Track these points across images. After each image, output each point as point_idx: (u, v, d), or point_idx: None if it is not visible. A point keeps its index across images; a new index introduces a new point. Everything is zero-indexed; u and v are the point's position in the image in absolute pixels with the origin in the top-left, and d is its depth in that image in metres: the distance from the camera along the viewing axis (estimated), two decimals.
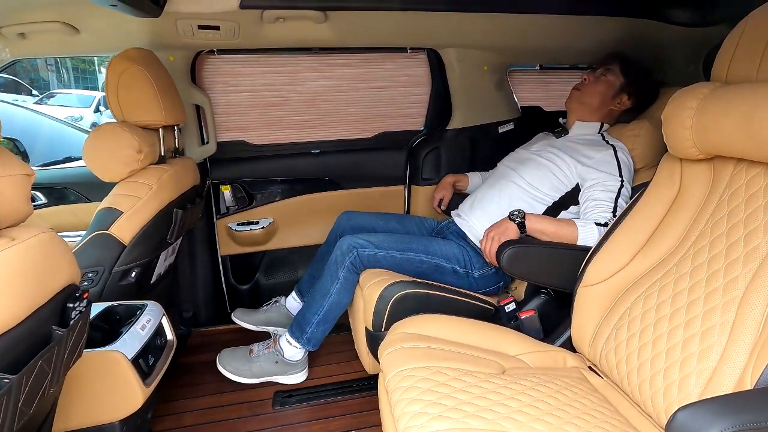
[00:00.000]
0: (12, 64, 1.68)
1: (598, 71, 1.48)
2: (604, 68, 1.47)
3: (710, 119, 0.87)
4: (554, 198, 1.39)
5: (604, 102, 1.47)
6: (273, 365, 1.49)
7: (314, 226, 1.96)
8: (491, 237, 1.27)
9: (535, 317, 1.21)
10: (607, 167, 1.32)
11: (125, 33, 1.45)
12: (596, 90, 1.46)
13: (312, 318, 1.41)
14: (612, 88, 1.46)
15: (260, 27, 1.48)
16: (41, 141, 3.00)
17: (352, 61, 1.90)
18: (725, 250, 0.85)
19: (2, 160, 0.62)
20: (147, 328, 1.07)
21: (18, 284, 0.57)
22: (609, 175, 1.30)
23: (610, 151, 1.35)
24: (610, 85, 1.46)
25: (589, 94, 1.47)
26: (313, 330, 1.42)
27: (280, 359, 1.49)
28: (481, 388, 0.85)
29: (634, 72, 1.45)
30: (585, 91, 1.48)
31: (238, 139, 1.92)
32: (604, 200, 1.27)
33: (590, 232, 1.23)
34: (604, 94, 1.46)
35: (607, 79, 1.46)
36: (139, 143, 1.25)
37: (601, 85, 1.46)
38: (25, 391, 0.55)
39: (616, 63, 1.47)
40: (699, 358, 0.80)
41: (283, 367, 1.49)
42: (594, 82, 1.47)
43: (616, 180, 1.29)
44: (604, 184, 1.30)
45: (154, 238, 1.30)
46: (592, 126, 1.48)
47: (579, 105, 1.49)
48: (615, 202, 1.27)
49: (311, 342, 1.45)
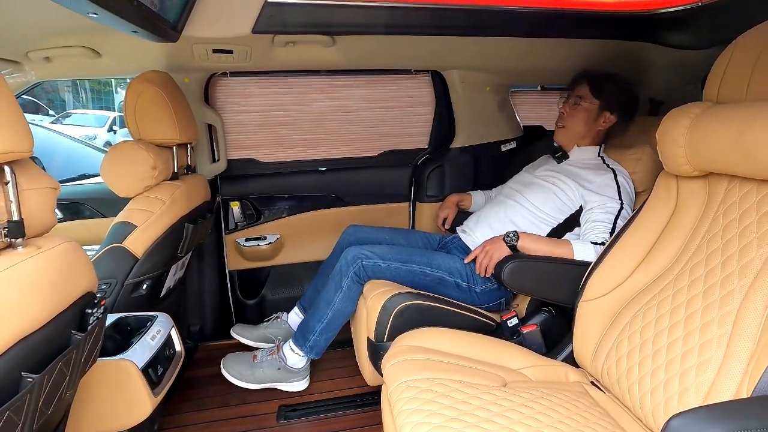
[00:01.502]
0: (36, 86, 1.77)
1: (571, 101, 1.51)
2: (575, 97, 1.50)
3: (702, 137, 0.91)
4: (559, 220, 1.43)
5: (590, 126, 1.49)
6: (275, 372, 1.50)
7: (320, 242, 2.00)
8: (486, 251, 1.31)
9: (537, 332, 1.22)
10: (607, 191, 1.36)
11: (144, 56, 1.53)
12: (577, 119, 1.49)
13: (315, 326, 1.43)
14: (591, 112, 1.48)
15: (271, 50, 1.55)
16: (58, 159, 3.11)
17: (359, 82, 1.97)
18: (721, 264, 0.87)
19: (31, 174, 0.67)
20: (157, 338, 1.10)
21: (43, 290, 0.61)
22: (609, 198, 1.34)
23: (610, 174, 1.39)
24: (587, 111, 1.48)
25: (572, 125, 1.50)
26: (316, 338, 1.44)
27: (282, 366, 1.50)
28: (482, 400, 0.87)
29: (605, 90, 1.47)
30: (568, 125, 1.51)
31: (247, 157, 1.98)
32: (602, 221, 1.31)
33: (586, 251, 1.26)
34: (587, 120, 1.48)
35: (582, 106, 1.48)
36: (154, 160, 1.30)
37: (580, 113, 1.49)
38: (45, 392, 0.58)
39: (584, 85, 1.49)
40: (698, 371, 0.81)
41: (285, 374, 1.51)
42: (572, 114, 1.50)
43: (616, 203, 1.33)
44: (604, 207, 1.33)
45: (165, 251, 1.34)
46: (590, 150, 1.51)
47: (568, 137, 1.52)
48: (613, 223, 1.30)
49: (314, 350, 1.47)
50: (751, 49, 0.89)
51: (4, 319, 0.55)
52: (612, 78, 1.49)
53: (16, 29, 1.27)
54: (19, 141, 0.59)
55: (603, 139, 1.54)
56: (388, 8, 1.38)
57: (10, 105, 0.59)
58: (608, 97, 1.46)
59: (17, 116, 0.60)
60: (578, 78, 1.53)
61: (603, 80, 1.48)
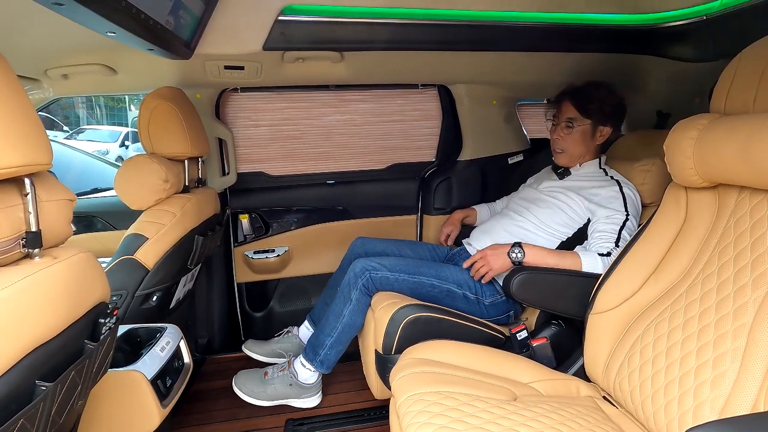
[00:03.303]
0: (53, 102, 1.82)
1: (563, 125, 1.48)
2: (565, 120, 1.47)
3: (710, 148, 0.91)
4: (567, 234, 1.42)
5: (588, 145, 1.48)
6: (287, 388, 1.49)
7: (328, 255, 2.01)
8: (486, 258, 1.32)
9: (547, 345, 1.21)
10: (614, 203, 1.36)
11: (158, 73, 1.57)
12: (575, 141, 1.47)
13: (326, 340, 1.43)
14: (586, 132, 1.46)
15: (281, 67, 1.58)
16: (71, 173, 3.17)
17: (366, 96, 2.00)
18: (733, 276, 0.85)
19: (49, 186, 0.69)
20: (166, 350, 1.10)
21: (58, 299, 0.62)
22: (614, 211, 1.34)
23: (615, 186, 1.39)
24: (582, 131, 1.46)
25: (571, 148, 1.48)
26: (326, 352, 1.43)
27: (294, 382, 1.49)
28: (492, 414, 0.86)
29: (593, 107, 1.44)
30: (567, 149, 1.49)
31: (257, 171, 2.01)
32: (607, 231, 1.30)
33: (593, 262, 1.25)
34: (584, 140, 1.47)
35: (577, 129, 1.46)
36: (166, 173, 1.33)
37: (575, 135, 1.47)
38: (58, 400, 0.59)
39: (568, 104, 1.47)
40: (712, 386, 0.79)
41: (297, 390, 1.50)
42: (568, 138, 1.48)
43: (622, 214, 1.33)
44: (610, 218, 1.33)
45: (175, 263, 1.36)
46: (592, 164, 1.51)
47: (570, 159, 1.51)
48: (618, 233, 1.30)
49: (324, 364, 1.46)
50: (757, 61, 0.89)
51: (20, 328, 0.56)
52: (594, 90, 1.46)
53: (37, 48, 1.32)
54: (39, 154, 0.61)
55: (603, 150, 1.54)
56: (395, 25, 1.41)
57: (30, 119, 0.61)
58: (597, 112, 1.44)
59: (38, 130, 0.62)
60: (560, 97, 1.51)
61: (586, 97, 1.45)
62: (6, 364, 0.53)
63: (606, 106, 1.45)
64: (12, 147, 0.56)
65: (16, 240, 0.60)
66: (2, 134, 0.55)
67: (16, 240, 0.60)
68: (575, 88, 1.49)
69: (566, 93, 1.50)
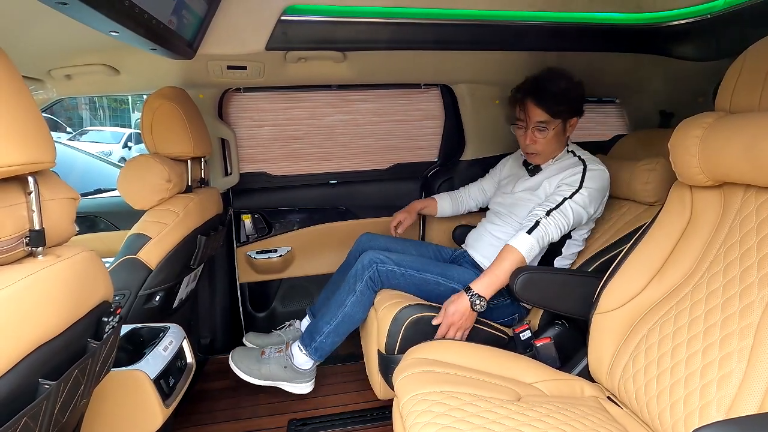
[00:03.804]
0: (56, 102, 1.83)
1: (532, 128, 1.41)
2: (535, 124, 1.40)
3: (715, 147, 0.90)
4: None
5: (562, 139, 1.45)
6: (282, 370, 1.48)
7: (330, 255, 2.00)
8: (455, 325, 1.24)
9: (551, 345, 1.20)
10: (570, 179, 1.35)
11: (161, 73, 1.58)
12: (547, 143, 1.42)
13: (324, 327, 1.41)
14: (558, 130, 1.41)
15: (284, 66, 1.59)
16: (74, 174, 3.18)
17: (369, 96, 2.00)
18: (739, 275, 0.85)
19: (52, 185, 0.69)
20: (169, 349, 1.10)
21: (61, 298, 0.62)
22: (568, 186, 1.34)
23: (580, 166, 1.38)
24: (555, 132, 1.41)
25: (546, 149, 1.44)
26: (322, 340, 1.42)
27: (289, 365, 1.48)
28: (496, 414, 0.85)
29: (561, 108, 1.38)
30: (540, 151, 1.44)
31: (259, 171, 2.01)
32: (547, 202, 1.32)
33: (529, 246, 1.25)
34: (558, 138, 1.43)
35: (549, 131, 1.40)
36: (169, 173, 1.33)
37: (549, 136, 1.41)
38: (61, 399, 0.59)
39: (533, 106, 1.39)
40: (719, 386, 0.78)
41: (291, 374, 1.48)
42: (540, 140, 1.42)
43: (573, 188, 1.32)
44: (559, 190, 1.33)
45: (178, 263, 1.36)
46: (562, 153, 1.48)
47: (544, 158, 1.47)
48: (559, 204, 1.30)
49: (318, 352, 1.44)
50: (763, 59, 0.88)
51: (24, 326, 0.56)
52: (554, 86, 1.37)
53: (40, 48, 1.32)
54: (43, 152, 0.61)
55: (570, 138, 1.50)
56: (398, 24, 1.41)
57: (34, 118, 0.61)
58: (565, 111, 1.39)
59: (41, 128, 0.62)
60: (521, 97, 1.43)
61: (552, 97, 1.37)
62: (9, 363, 0.53)
63: (573, 100, 1.39)
64: (15, 145, 0.56)
65: (19, 238, 0.60)
66: (6, 132, 0.55)
67: (19, 238, 0.60)
68: (535, 87, 1.39)
69: (528, 93, 1.41)
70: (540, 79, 1.40)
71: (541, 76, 1.41)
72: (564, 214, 1.29)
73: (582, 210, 1.30)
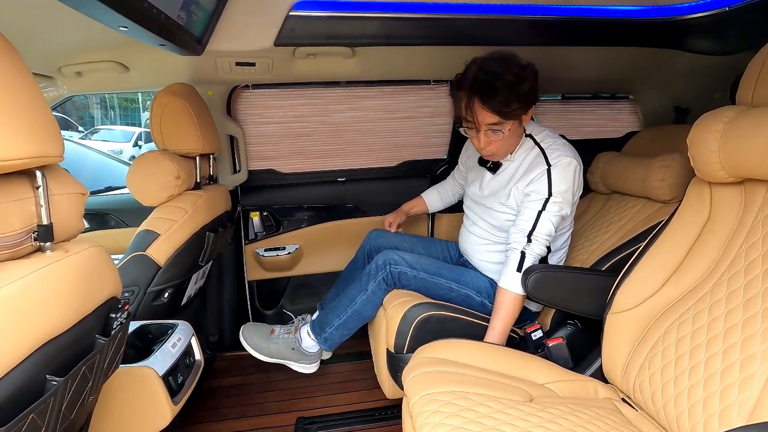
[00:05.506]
0: (67, 100, 1.84)
1: (485, 131, 1.25)
2: (487, 126, 1.24)
3: (737, 142, 0.87)
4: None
5: (519, 133, 1.32)
6: (289, 351, 1.50)
7: (339, 253, 1.99)
8: None
9: (564, 345, 1.18)
10: (536, 184, 1.24)
11: (170, 70, 1.58)
12: (503, 142, 1.28)
13: (333, 320, 1.43)
14: (513, 128, 1.26)
15: (292, 63, 1.58)
16: (86, 172, 3.21)
17: (378, 93, 1.99)
18: (762, 274, 0.82)
19: (61, 180, 0.69)
20: (177, 346, 1.10)
21: (69, 293, 0.62)
22: (536, 193, 1.24)
23: (544, 166, 1.25)
24: (510, 130, 1.25)
25: (503, 148, 1.30)
26: (332, 332, 1.44)
27: (296, 347, 1.49)
28: (508, 415, 0.83)
29: (503, 107, 1.20)
30: (496, 152, 1.31)
31: (268, 168, 2.01)
32: (524, 220, 1.24)
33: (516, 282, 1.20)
34: (514, 135, 1.29)
35: (503, 130, 1.25)
36: (178, 170, 1.33)
37: (504, 134, 1.26)
38: (68, 395, 0.58)
39: (482, 109, 1.22)
40: (740, 388, 0.76)
41: (297, 354, 1.50)
42: (495, 141, 1.27)
43: (542, 195, 1.23)
44: (530, 202, 1.24)
45: (187, 260, 1.36)
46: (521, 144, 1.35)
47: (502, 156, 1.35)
48: (535, 221, 1.22)
49: (328, 342, 1.46)
50: None
51: (31, 322, 0.55)
52: (499, 80, 1.18)
53: (51, 45, 1.33)
54: (51, 146, 0.61)
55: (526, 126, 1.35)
56: (407, 20, 1.39)
57: (43, 112, 0.60)
58: (519, 108, 1.22)
59: (50, 122, 0.61)
60: (466, 96, 1.23)
61: (501, 98, 1.19)
62: (16, 359, 0.53)
63: (525, 95, 1.21)
64: (23, 138, 0.55)
65: (27, 233, 0.60)
66: (14, 125, 0.54)
67: (27, 233, 0.60)
68: (480, 85, 1.20)
69: (472, 92, 1.21)
70: (483, 74, 1.20)
71: (485, 68, 1.21)
72: (543, 230, 1.21)
73: (559, 217, 1.23)
